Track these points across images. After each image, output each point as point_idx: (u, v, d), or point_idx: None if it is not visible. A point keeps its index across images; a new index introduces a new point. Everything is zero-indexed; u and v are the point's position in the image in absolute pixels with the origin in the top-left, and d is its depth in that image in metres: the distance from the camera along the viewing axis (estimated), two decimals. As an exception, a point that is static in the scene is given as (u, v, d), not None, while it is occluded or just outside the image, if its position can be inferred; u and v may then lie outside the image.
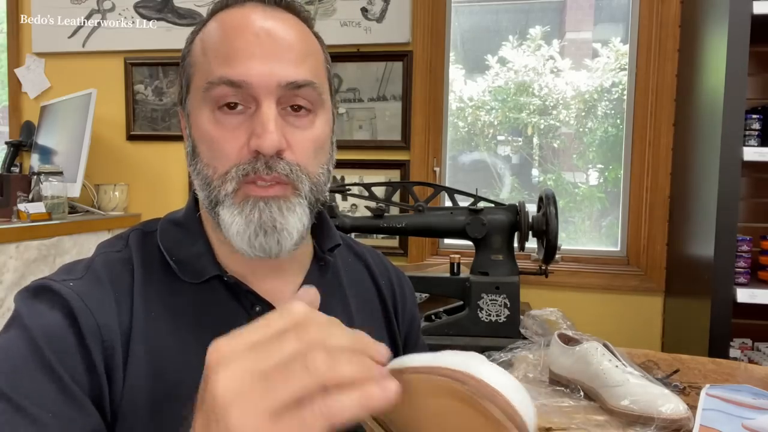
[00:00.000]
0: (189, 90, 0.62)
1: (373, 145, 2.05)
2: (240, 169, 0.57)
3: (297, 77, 0.58)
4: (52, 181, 1.80)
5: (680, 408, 0.77)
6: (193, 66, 0.61)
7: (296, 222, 0.59)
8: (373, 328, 0.73)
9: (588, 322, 1.84)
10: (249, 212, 0.57)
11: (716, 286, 1.42)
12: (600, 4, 2.04)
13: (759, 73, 1.73)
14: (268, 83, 0.57)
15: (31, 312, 0.54)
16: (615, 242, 1.99)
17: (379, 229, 1.46)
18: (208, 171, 0.59)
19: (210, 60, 0.59)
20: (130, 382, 0.55)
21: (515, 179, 2.12)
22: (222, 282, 0.62)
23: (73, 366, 0.52)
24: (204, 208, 0.62)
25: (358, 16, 2.02)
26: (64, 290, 0.55)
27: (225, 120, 0.58)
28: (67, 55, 2.30)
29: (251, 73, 0.57)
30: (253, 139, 0.56)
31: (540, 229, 1.35)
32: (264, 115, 0.56)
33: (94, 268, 0.60)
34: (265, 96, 0.57)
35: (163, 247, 0.63)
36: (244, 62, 0.57)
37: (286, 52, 0.58)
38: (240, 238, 0.58)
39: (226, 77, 0.57)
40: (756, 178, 1.76)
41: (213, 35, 0.60)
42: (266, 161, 0.57)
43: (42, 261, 1.70)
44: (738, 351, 1.67)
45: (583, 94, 2.04)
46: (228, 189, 0.57)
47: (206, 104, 0.59)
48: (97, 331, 0.54)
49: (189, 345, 0.58)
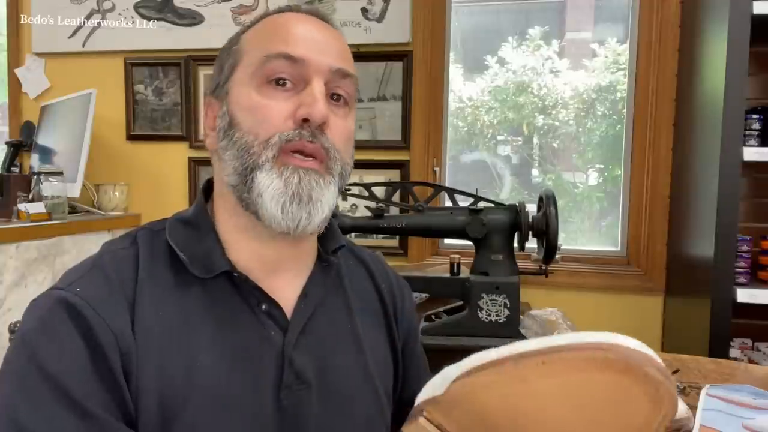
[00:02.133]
0: (233, 72, 0.64)
1: (373, 145, 2.05)
2: (284, 135, 0.59)
3: (346, 66, 0.64)
4: (52, 181, 1.80)
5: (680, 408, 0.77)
6: (243, 51, 0.64)
7: (329, 197, 0.61)
8: (374, 330, 0.74)
9: (588, 322, 1.84)
10: (289, 176, 0.59)
11: (716, 286, 1.42)
12: (600, 4, 2.04)
13: (759, 73, 1.73)
14: (321, 64, 0.61)
15: (40, 337, 0.54)
16: (615, 242, 1.99)
17: (379, 229, 1.46)
18: (248, 138, 0.60)
19: (267, 40, 0.62)
20: (143, 381, 0.55)
21: (515, 179, 2.12)
22: (230, 278, 0.62)
23: (91, 388, 0.52)
24: (229, 186, 0.62)
25: (358, 16, 2.02)
26: (76, 301, 0.55)
27: (272, 93, 0.61)
28: (67, 55, 2.29)
29: (309, 53, 0.61)
30: (303, 108, 0.60)
31: (540, 229, 1.35)
32: (314, 89, 0.60)
33: (100, 265, 0.60)
34: (317, 75, 0.61)
35: (173, 243, 0.63)
36: (303, 43, 0.61)
37: (337, 49, 0.64)
38: (275, 203, 0.59)
39: (286, 52, 0.60)
40: (756, 178, 1.75)
41: (270, 24, 0.65)
42: (312, 131, 0.60)
43: (42, 261, 1.70)
44: (738, 351, 1.67)
45: (582, 94, 2.04)
46: (269, 154, 0.59)
47: (255, 79, 0.61)
48: (114, 340, 0.54)
49: (197, 340, 0.59)
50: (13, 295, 1.60)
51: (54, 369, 0.52)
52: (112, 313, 0.56)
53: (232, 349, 0.60)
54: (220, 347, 0.59)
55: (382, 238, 2.05)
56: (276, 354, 0.62)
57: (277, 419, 0.60)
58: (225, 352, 0.59)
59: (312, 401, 0.63)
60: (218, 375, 0.58)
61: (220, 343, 0.60)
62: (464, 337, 1.34)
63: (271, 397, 0.60)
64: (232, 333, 0.61)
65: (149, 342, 0.56)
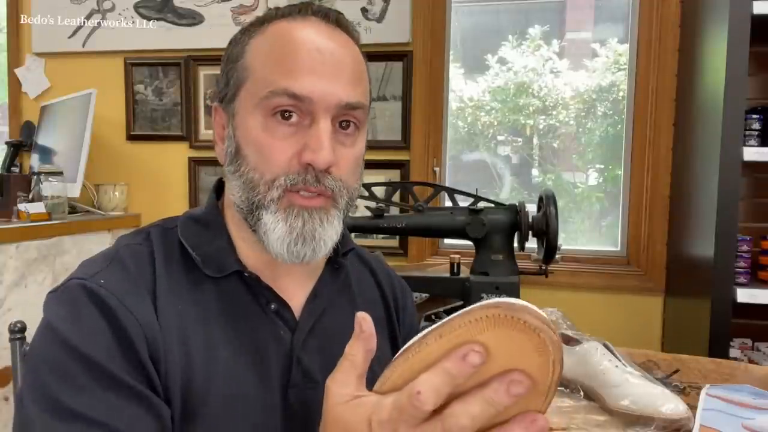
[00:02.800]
0: (238, 92, 0.63)
1: (373, 145, 2.05)
2: (289, 178, 0.59)
3: (353, 99, 0.61)
4: (52, 181, 1.80)
5: (680, 408, 0.77)
6: (248, 70, 0.62)
7: (332, 233, 0.62)
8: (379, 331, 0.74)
9: (588, 322, 1.84)
10: (293, 220, 0.60)
11: (716, 286, 1.42)
12: (600, 4, 2.04)
13: (759, 73, 1.73)
14: (328, 101, 0.59)
15: (68, 324, 0.54)
16: (615, 242, 1.99)
17: (379, 229, 1.46)
18: (254, 175, 0.60)
19: (271, 69, 0.60)
20: (171, 370, 0.57)
21: (515, 179, 2.12)
22: (241, 278, 0.63)
23: (124, 366, 0.53)
24: (236, 207, 0.63)
25: (358, 16, 2.02)
26: (100, 291, 0.56)
27: (277, 129, 0.60)
28: (67, 55, 2.29)
29: (314, 89, 0.58)
30: (308, 153, 0.58)
31: (540, 229, 1.35)
32: (321, 131, 0.59)
33: (120, 258, 0.60)
34: (323, 113, 0.59)
35: (186, 241, 0.64)
36: (308, 77, 0.59)
37: (346, 73, 0.61)
38: (280, 243, 0.60)
39: (290, 90, 0.58)
40: (756, 178, 1.75)
41: (274, 44, 0.61)
42: (316, 174, 0.59)
43: (42, 261, 1.70)
44: (738, 351, 1.67)
45: (582, 94, 2.04)
46: (274, 195, 0.59)
47: (259, 110, 0.60)
48: (140, 329, 0.55)
49: (214, 337, 0.60)
50: (13, 295, 1.60)
51: (88, 350, 0.52)
52: (138, 303, 0.56)
53: (246, 346, 0.61)
54: (234, 344, 0.61)
55: (382, 238, 2.05)
56: (285, 353, 0.63)
57: (285, 417, 0.61)
58: (239, 348, 0.61)
59: (319, 400, 0.63)
60: (234, 371, 0.60)
61: (234, 339, 0.61)
62: (464, 337, 1.34)
63: (279, 395, 0.62)
64: (245, 331, 0.62)
65: (171, 334, 0.58)
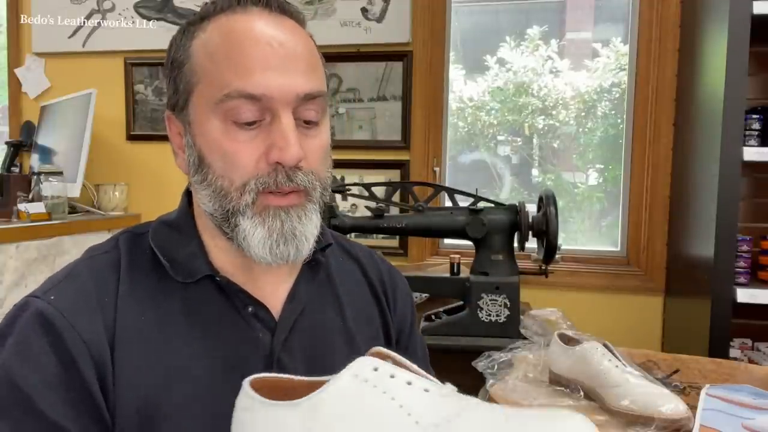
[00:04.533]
0: (189, 98, 0.61)
1: (373, 145, 2.05)
2: (260, 181, 0.57)
3: (312, 89, 0.59)
4: (52, 181, 1.80)
5: (680, 408, 0.77)
6: (197, 74, 0.60)
7: (312, 228, 0.61)
8: (368, 325, 0.74)
9: (588, 322, 1.83)
10: (271, 222, 0.58)
11: (716, 286, 1.42)
12: (600, 4, 2.04)
13: (759, 73, 1.73)
14: (287, 95, 0.57)
15: (11, 348, 0.54)
16: (615, 242, 1.99)
17: (379, 229, 1.46)
18: (223, 182, 0.58)
19: (222, 70, 0.57)
20: (120, 384, 0.55)
21: (515, 179, 2.12)
22: (214, 282, 0.62)
23: (60, 397, 0.53)
24: (208, 214, 0.61)
25: (358, 16, 2.02)
26: (47, 309, 0.55)
27: (239, 132, 0.57)
28: (67, 55, 2.29)
29: (270, 84, 0.56)
30: (275, 152, 0.57)
31: (540, 229, 1.35)
32: (285, 128, 0.57)
33: (76, 273, 0.60)
34: (284, 108, 0.57)
35: (156, 247, 0.63)
36: (262, 74, 0.56)
37: (300, 63, 0.59)
38: (261, 247, 0.58)
39: (246, 91, 0.56)
40: (756, 178, 1.75)
41: (221, 42, 0.59)
42: (286, 172, 0.57)
43: (42, 261, 1.70)
44: (738, 351, 1.67)
45: (582, 94, 2.04)
46: (248, 200, 0.58)
47: (217, 115, 0.58)
48: (84, 348, 0.55)
49: (179, 344, 0.59)
50: (13, 295, 1.60)
51: (23, 381, 0.52)
52: (84, 321, 0.56)
53: (216, 352, 0.60)
54: (202, 351, 0.59)
55: (382, 238, 2.05)
56: (264, 355, 0.61)
57: None
58: (208, 355, 0.59)
59: None
60: (201, 378, 0.58)
61: (202, 346, 0.59)
62: (464, 337, 1.34)
63: None
64: (216, 336, 0.60)
65: (129, 346, 0.57)
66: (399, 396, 0.42)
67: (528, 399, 0.88)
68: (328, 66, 0.66)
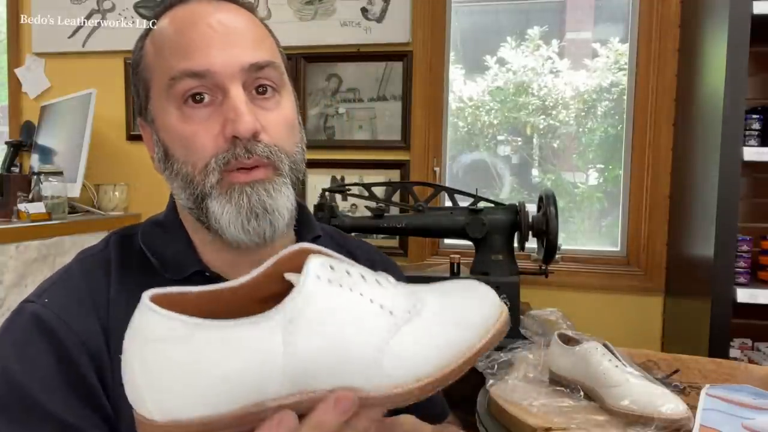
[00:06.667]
0: (149, 96, 0.62)
1: (373, 145, 2.05)
2: (219, 158, 0.57)
3: (258, 59, 0.59)
4: (52, 181, 1.80)
5: (680, 408, 0.77)
6: (149, 70, 0.61)
7: (285, 201, 0.59)
8: None
9: (588, 322, 1.83)
10: (238, 198, 0.57)
11: (716, 286, 1.42)
12: (600, 4, 2.04)
13: (759, 73, 1.73)
14: (231, 68, 0.57)
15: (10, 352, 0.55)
16: (615, 242, 1.99)
17: (379, 229, 1.46)
18: (186, 168, 0.59)
19: (167, 57, 0.58)
20: (118, 380, 0.56)
21: (515, 179, 2.12)
22: (204, 278, 0.62)
23: (62, 397, 0.53)
24: (186, 208, 0.62)
25: (358, 16, 2.02)
26: (42, 312, 0.56)
27: (194, 114, 0.58)
28: (67, 55, 2.29)
29: (213, 61, 0.57)
30: (228, 126, 0.56)
31: (540, 229, 1.35)
32: (234, 100, 0.57)
33: (70, 274, 0.61)
34: (231, 81, 0.57)
35: (145, 246, 0.64)
36: (204, 51, 0.57)
37: (243, 38, 0.59)
38: (233, 226, 0.58)
39: (189, 69, 0.57)
40: (756, 178, 1.75)
41: (165, 34, 0.60)
42: (245, 145, 0.57)
43: (42, 261, 1.70)
44: (738, 351, 1.67)
45: (582, 94, 2.04)
46: (212, 180, 0.58)
47: (171, 102, 0.58)
48: (81, 347, 0.55)
49: None
50: (13, 295, 1.60)
51: (25, 381, 0.53)
52: (79, 320, 0.57)
53: None
54: None
55: (382, 238, 2.05)
56: None
57: None
58: None
59: None
60: None
61: None
62: (464, 337, 1.34)
63: None
64: None
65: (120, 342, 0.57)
66: (365, 291, 0.41)
67: (528, 399, 0.88)
68: (329, 66, 0.67)
